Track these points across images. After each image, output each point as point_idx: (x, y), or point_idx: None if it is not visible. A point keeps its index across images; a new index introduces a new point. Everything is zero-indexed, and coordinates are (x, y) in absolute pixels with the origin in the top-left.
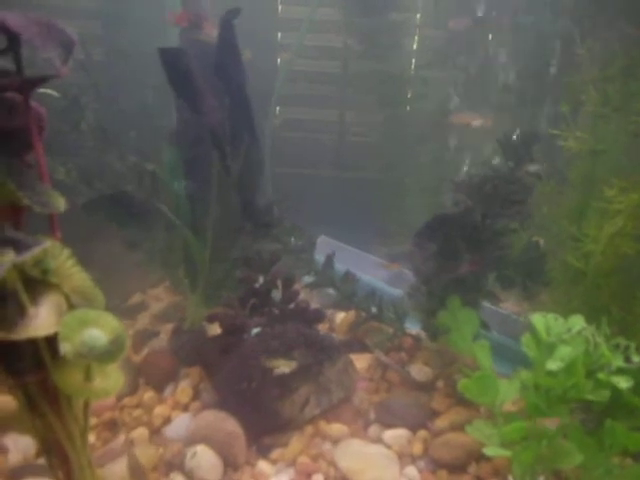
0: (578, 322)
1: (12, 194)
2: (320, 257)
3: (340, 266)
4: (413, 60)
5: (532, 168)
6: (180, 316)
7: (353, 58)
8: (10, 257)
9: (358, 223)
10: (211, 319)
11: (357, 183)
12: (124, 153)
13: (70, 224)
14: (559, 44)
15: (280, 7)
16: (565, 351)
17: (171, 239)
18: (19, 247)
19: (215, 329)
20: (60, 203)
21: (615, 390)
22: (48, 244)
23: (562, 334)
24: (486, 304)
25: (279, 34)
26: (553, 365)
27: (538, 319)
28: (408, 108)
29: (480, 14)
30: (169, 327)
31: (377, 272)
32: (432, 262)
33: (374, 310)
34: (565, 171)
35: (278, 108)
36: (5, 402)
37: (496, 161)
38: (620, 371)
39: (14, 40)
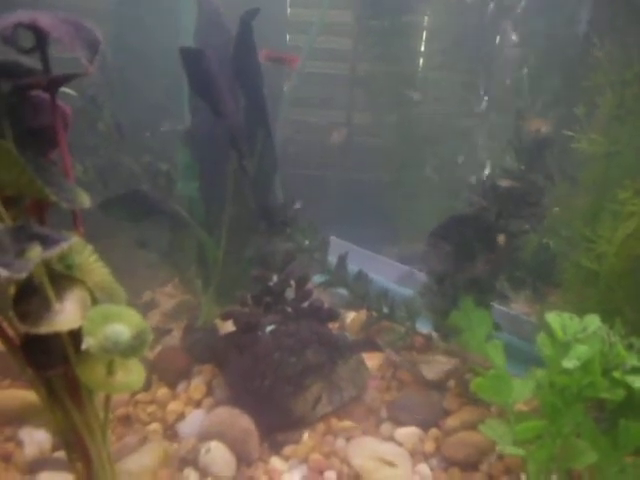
0: (594, 321)
1: (40, 191)
2: (331, 258)
3: (351, 266)
4: (421, 61)
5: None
6: (192, 314)
7: (362, 60)
8: (37, 252)
9: (368, 224)
10: (225, 317)
11: (367, 184)
12: (139, 152)
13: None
14: (575, 47)
15: (289, 10)
16: (581, 350)
17: (183, 238)
18: (45, 242)
19: (227, 327)
20: (85, 199)
21: (629, 389)
22: (74, 240)
23: (578, 333)
24: (496, 305)
25: (288, 36)
26: (569, 363)
27: (554, 318)
28: (418, 109)
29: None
30: (181, 325)
31: (388, 272)
32: (446, 262)
33: (386, 310)
34: (577, 173)
35: (287, 110)
36: (20, 396)
37: (508, 163)
38: (635, 370)
39: (42, 39)
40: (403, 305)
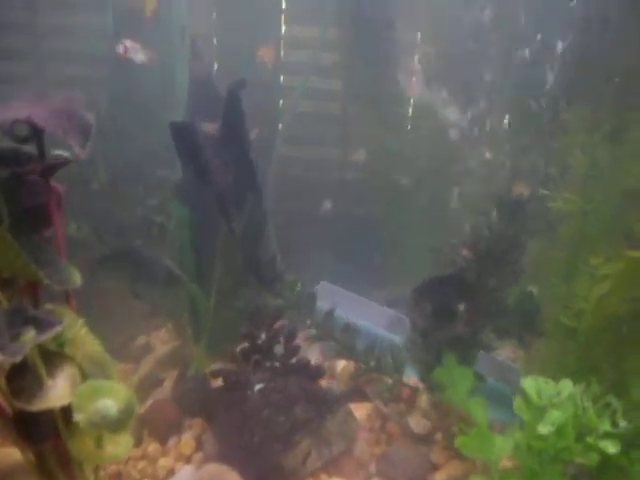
0: (567, 386)
1: (34, 274)
2: (321, 304)
3: (340, 311)
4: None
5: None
6: (184, 362)
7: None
8: (32, 336)
9: (358, 263)
10: (214, 375)
11: (358, 221)
12: (133, 207)
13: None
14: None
15: (282, 51)
16: (555, 415)
17: (176, 290)
18: (40, 325)
19: (219, 378)
20: (77, 278)
21: (603, 453)
22: (66, 322)
23: (552, 397)
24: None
25: (282, 77)
26: (544, 429)
27: (529, 383)
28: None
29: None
30: (173, 374)
31: (376, 318)
32: (429, 319)
33: (373, 362)
34: (555, 228)
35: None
36: (12, 454)
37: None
38: (608, 435)
39: (38, 132)
40: (390, 356)
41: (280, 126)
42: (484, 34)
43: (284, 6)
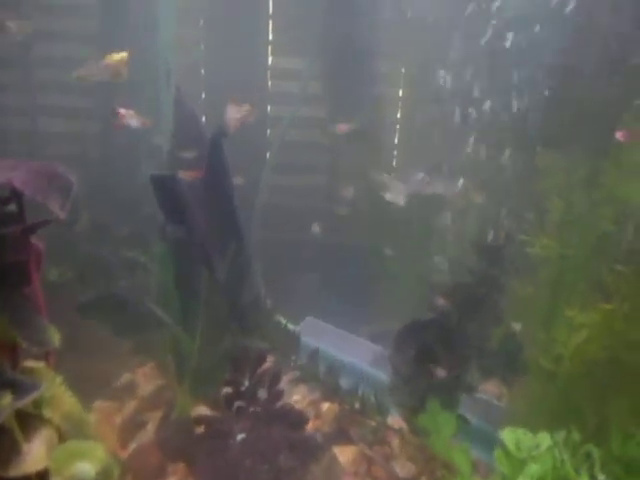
0: (546, 438)
1: (13, 338)
2: (306, 339)
3: (325, 347)
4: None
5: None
6: (168, 404)
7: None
8: (8, 401)
9: (343, 297)
10: (197, 422)
11: (343, 252)
12: (117, 249)
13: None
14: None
15: (270, 82)
16: (534, 469)
17: (160, 332)
18: (17, 389)
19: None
20: (55, 339)
21: None
22: (44, 385)
23: (531, 450)
24: None
25: (269, 107)
26: None
27: (508, 434)
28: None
29: None
30: (157, 415)
31: (361, 353)
32: (411, 364)
33: (357, 405)
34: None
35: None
36: None
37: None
38: None
39: (18, 194)
40: (374, 399)
41: (268, 155)
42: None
43: (271, 38)
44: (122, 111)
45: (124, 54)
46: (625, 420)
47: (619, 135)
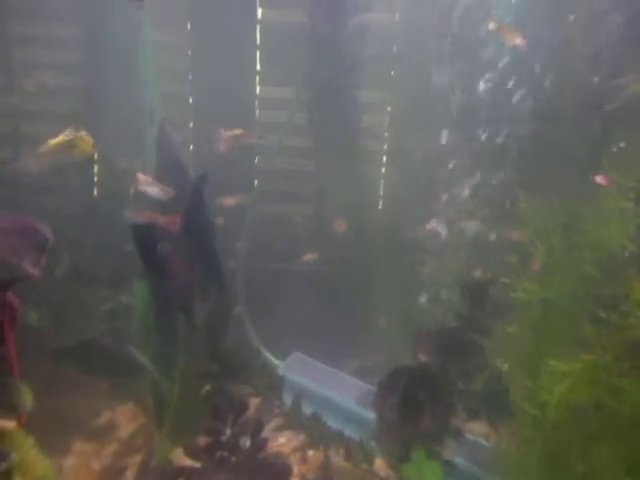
0: None
1: None
2: (292, 377)
3: (311, 386)
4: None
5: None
6: (148, 448)
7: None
8: None
9: (330, 330)
10: (177, 473)
11: (332, 280)
12: (97, 290)
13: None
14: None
15: (258, 87)
16: None
17: (140, 375)
18: None
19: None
20: (28, 400)
21: None
22: (14, 457)
23: None
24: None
25: (257, 112)
26: None
27: None
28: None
29: None
30: (137, 460)
31: (348, 390)
32: (396, 412)
33: (342, 451)
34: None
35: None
36: None
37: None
38: None
39: None
40: (360, 447)
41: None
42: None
43: (258, 68)
44: (140, 178)
45: (90, 139)
46: (612, 467)
47: (598, 179)
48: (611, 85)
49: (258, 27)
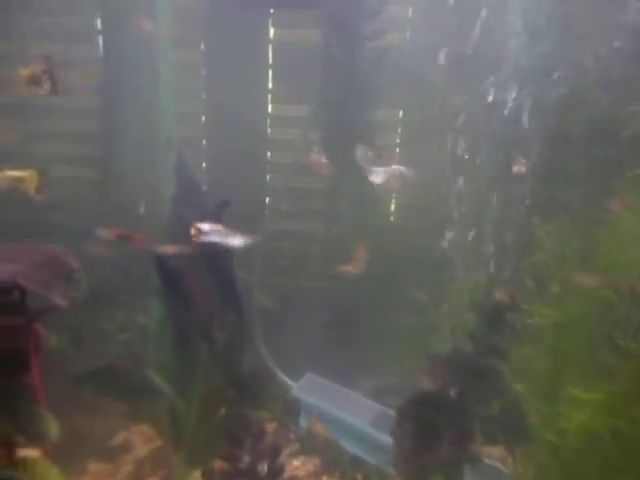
0: None
1: (10, 436)
2: (306, 397)
3: (326, 408)
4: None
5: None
6: (163, 471)
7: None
8: None
9: (345, 349)
10: None
11: (344, 303)
12: (113, 313)
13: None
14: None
15: (270, 105)
16: None
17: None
18: None
19: None
20: (54, 429)
21: None
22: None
23: None
24: None
25: (269, 130)
26: None
27: None
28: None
29: None
30: None
31: (362, 412)
32: (413, 440)
33: (359, 477)
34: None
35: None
36: None
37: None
38: None
39: (22, 290)
40: (376, 473)
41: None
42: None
43: (270, 87)
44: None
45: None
46: None
47: (614, 205)
48: (627, 111)
49: (270, 46)
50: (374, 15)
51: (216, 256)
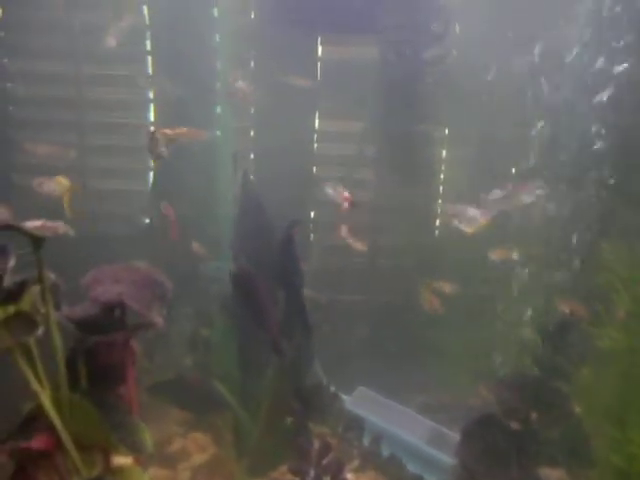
0: None
1: (110, 442)
2: (359, 411)
3: (377, 421)
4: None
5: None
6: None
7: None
8: None
9: (396, 364)
10: None
11: (392, 311)
12: (181, 326)
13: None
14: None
15: (316, 145)
16: None
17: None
18: None
19: None
20: (148, 441)
21: None
22: None
23: None
24: None
25: (316, 145)
26: None
27: None
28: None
29: None
30: None
31: (414, 428)
32: (481, 463)
33: None
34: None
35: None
36: None
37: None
38: None
39: (123, 309)
40: None
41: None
42: None
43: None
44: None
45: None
46: None
47: None
48: None
49: (319, 64)
50: (437, 40)
51: (289, 274)
